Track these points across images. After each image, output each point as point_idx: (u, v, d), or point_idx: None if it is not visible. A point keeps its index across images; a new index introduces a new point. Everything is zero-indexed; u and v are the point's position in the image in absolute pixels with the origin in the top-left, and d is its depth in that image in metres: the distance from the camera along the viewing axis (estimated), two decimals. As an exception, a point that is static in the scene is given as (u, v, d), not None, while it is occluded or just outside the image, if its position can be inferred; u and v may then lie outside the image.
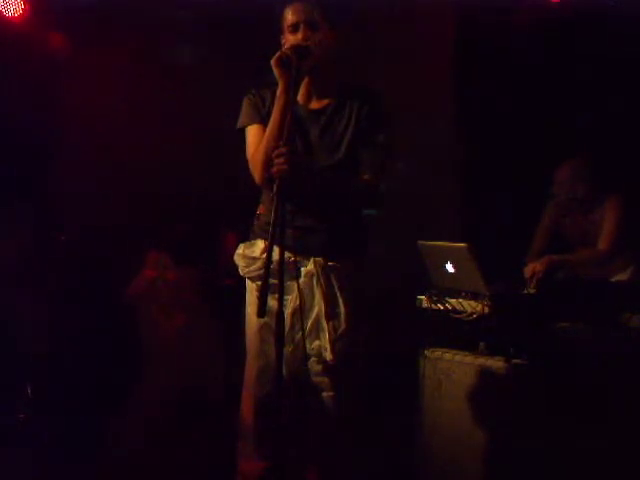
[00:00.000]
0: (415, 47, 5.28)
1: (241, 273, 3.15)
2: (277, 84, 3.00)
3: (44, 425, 4.64)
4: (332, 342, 2.98)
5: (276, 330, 2.67)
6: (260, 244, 3.10)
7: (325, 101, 3.11)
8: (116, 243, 5.16)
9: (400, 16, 5.13)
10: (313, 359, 3.02)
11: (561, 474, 3.46)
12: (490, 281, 3.59)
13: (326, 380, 3.04)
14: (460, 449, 3.58)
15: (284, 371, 2.87)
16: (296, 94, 3.04)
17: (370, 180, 3.03)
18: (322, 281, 3.00)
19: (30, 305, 5.01)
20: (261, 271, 2.81)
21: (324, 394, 3.06)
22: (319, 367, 3.03)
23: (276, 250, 2.71)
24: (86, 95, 5.27)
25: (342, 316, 3.00)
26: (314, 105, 3.11)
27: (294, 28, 3.01)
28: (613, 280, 4.38)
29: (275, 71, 2.95)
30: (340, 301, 3.01)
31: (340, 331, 3.00)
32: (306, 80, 3.08)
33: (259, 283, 2.94)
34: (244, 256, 3.12)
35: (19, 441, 4.50)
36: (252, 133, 3.12)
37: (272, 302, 2.79)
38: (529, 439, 3.45)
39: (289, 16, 3.03)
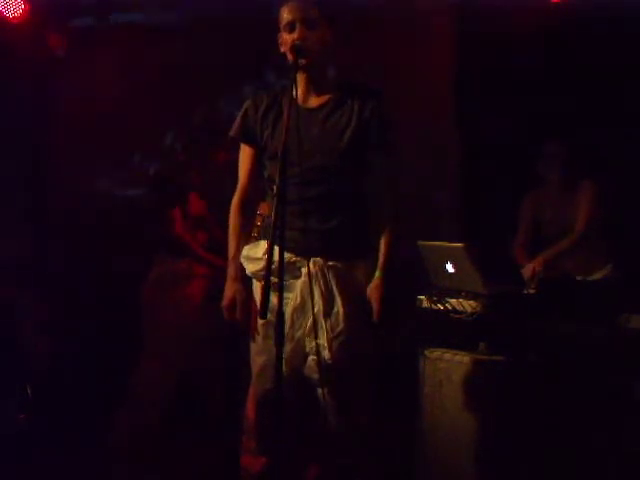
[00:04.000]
0: (415, 48, 5.27)
1: (247, 273, 3.16)
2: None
3: (44, 422, 4.65)
4: (330, 341, 2.99)
5: (276, 328, 2.68)
6: (263, 245, 3.10)
7: (324, 98, 3.09)
8: (118, 242, 5.17)
9: (400, 18, 5.13)
10: (312, 357, 3.03)
11: (561, 474, 3.46)
12: (490, 281, 3.59)
13: (325, 378, 3.04)
14: (460, 449, 3.58)
15: (285, 368, 2.88)
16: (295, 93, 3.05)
17: (392, 194, 3.09)
18: (321, 281, 3.01)
19: (31, 304, 5.01)
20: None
21: (323, 392, 3.06)
22: (318, 365, 3.02)
23: (278, 250, 2.72)
24: (86, 95, 5.27)
25: (340, 316, 3.01)
26: (312, 103, 3.09)
27: (290, 27, 2.98)
28: (595, 278, 4.45)
29: None
30: (338, 300, 3.02)
31: (338, 330, 3.01)
32: (304, 78, 3.05)
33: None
34: (248, 257, 3.13)
35: (19, 438, 4.51)
36: (242, 155, 3.19)
37: (274, 300, 2.81)
38: (529, 439, 3.45)
39: (285, 14, 3.00)
